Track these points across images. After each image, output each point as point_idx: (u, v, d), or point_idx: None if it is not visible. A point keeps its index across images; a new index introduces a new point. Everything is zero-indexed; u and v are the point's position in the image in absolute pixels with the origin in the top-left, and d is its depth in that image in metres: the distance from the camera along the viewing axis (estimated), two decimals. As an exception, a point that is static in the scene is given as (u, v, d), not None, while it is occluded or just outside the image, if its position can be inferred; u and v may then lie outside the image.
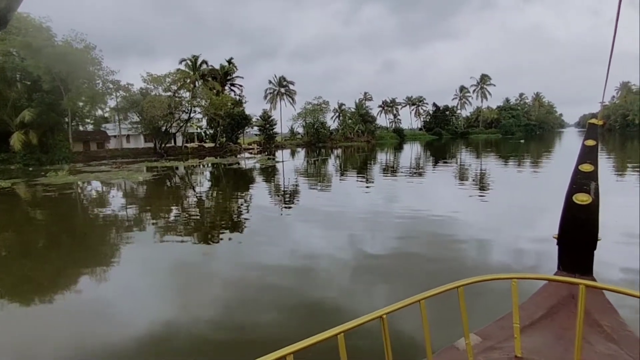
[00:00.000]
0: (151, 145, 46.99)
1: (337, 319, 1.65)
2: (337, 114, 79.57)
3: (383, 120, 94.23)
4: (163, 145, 47.08)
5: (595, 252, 2.37)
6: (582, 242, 2.36)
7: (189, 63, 50.49)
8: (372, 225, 9.67)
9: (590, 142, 2.47)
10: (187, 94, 47.42)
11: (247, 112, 58.64)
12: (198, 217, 11.83)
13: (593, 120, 2.61)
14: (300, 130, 72.02)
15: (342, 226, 9.67)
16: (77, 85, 36.30)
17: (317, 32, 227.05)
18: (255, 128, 65.62)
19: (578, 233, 2.36)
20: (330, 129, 75.14)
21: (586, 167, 2.38)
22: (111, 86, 40.96)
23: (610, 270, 5.62)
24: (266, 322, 4.75)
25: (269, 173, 25.87)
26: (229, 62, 64.57)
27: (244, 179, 23.42)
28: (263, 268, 6.71)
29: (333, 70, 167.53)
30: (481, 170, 23.00)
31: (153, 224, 11.21)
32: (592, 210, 2.31)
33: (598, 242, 2.34)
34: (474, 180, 18.28)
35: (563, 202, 2.41)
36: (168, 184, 21.97)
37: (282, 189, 17.85)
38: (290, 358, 1.07)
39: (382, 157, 39.04)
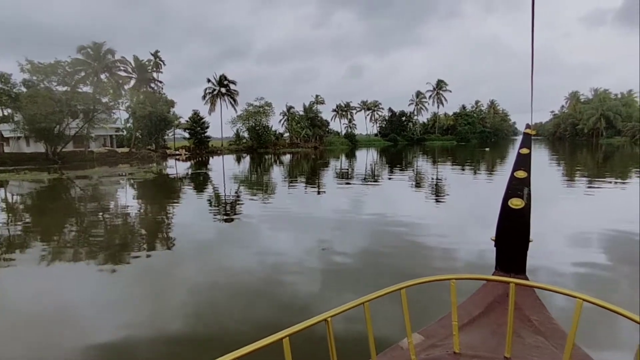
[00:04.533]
0: (43, 149, 39.88)
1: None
2: (285, 117, 76.98)
3: (337, 125, 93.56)
4: (57, 150, 40.02)
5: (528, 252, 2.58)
6: (516, 244, 2.59)
7: (90, 52, 43.94)
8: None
9: (525, 151, 2.70)
10: (90, 88, 41.24)
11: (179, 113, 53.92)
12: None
13: (527, 130, 2.85)
14: (246, 134, 68.14)
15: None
16: None
17: (286, 34, 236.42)
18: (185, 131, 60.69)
19: (512, 235, 2.60)
20: (277, 133, 72.17)
21: (520, 174, 2.62)
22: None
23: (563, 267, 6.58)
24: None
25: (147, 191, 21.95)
26: (155, 55, 59.73)
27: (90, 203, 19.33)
28: None
29: (301, 72, 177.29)
30: (438, 180, 21.11)
31: None
32: (524, 214, 2.55)
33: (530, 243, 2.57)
34: (433, 191, 16.40)
35: (500, 207, 2.59)
36: None
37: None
38: None
39: (318, 167, 36.48)
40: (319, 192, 17.44)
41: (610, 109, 79.44)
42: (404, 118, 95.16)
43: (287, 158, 46.47)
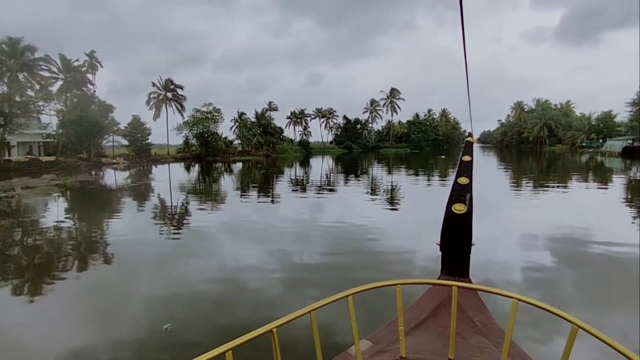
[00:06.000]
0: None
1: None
2: (236, 124, 75.22)
3: (292, 133, 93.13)
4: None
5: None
6: (459, 248, 2.70)
7: (5, 48, 39.97)
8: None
9: (467, 158, 2.83)
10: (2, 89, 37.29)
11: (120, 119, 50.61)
12: None
13: (469, 139, 3.01)
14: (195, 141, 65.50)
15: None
16: None
17: (244, 41, 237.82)
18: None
19: (456, 239, 2.71)
20: (228, 140, 70.15)
21: (463, 180, 2.73)
22: None
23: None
24: None
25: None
26: (90, 55, 56.01)
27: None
28: None
29: (259, 81, 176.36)
30: (391, 187, 21.13)
31: None
32: (467, 219, 2.66)
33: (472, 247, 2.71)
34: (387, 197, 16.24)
35: (444, 212, 2.72)
36: None
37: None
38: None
39: (267, 176, 35.73)
40: (272, 201, 16.77)
41: (551, 118, 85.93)
42: (359, 126, 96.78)
43: (238, 166, 45.11)
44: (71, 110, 40.27)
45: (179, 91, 67.00)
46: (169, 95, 66.43)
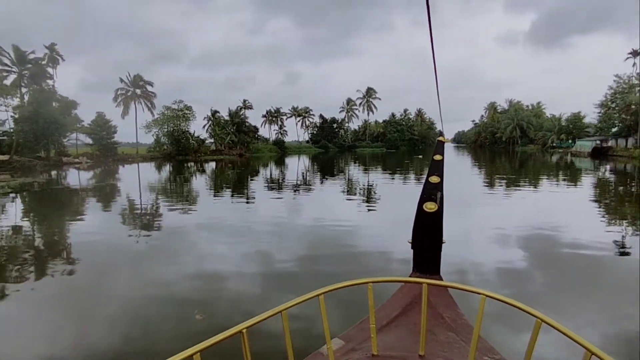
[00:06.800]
0: None
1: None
2: (209, 122, 73.89)
3: (267, 132, 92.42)
4: None
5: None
6: (430, 246, 2.77)
7: None
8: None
9: (438, 157, 2.90)
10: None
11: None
12: None
13: (440, 138, 3.08)
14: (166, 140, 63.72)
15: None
16: None
17: (222, 39, 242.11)
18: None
19: (427, 237, 2.77)
20: (200, 139, 68.77)
21: (434, 179, 2.80)
22: None
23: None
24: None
25: None
26: (50, 48, 53.61)
27: None
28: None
29: (236, 79, 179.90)
30: (368, 187, 21.07)
31: None
32: (438, 217, 2.73)
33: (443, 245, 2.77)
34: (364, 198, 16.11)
35: (415, 211, 2.79)
36: None
37: None
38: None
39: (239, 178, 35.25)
40: (247, 202, 16.47)
41: (523, 119, 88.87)
42: (335, 125, 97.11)
43: (211, 166, 44.24)
44: (27, 105, 38.19)
45: (149, 88, 65.29)
46: (138, 91, 64.57)
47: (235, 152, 67.36)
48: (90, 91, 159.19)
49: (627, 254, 8.09)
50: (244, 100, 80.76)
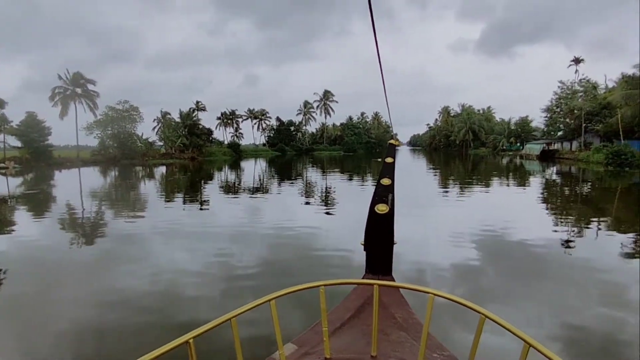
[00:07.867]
0: None
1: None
2: (159, 124, 71.18)
3: (222, 135, 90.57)
4: None
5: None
6: (382, 247, 2.83)
7: None
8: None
9: (389, 160, 3.02)
10: None
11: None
12: None
13: (392, 141, 3.22)
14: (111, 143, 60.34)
15: None
16: None
17: (180, 40, 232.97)
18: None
19: (379, 239, 2.84)
20: (148, 142, 66.04)
21: (385, 181, 2.89)
22: None
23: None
24: None
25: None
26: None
27: None
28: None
29: (194, 80, 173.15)
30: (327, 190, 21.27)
31: None
32: (389, 218, 2.81)
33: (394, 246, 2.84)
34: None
35: (367, 213, 2.84)
36: None
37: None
38: None
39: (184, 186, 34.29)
40: (201, 208, 16.01)
41: (475, 122, 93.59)
42: (292, 128, 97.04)
43: (160, 170, 42.57)
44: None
45: (90, 86, 61.68)
46: (78, 90, 60.78)
47: (187, 156, 65.28)
48: (34, 91, 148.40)
49: (571, 248, 8.80)
50: (197, 102, 78.61)
